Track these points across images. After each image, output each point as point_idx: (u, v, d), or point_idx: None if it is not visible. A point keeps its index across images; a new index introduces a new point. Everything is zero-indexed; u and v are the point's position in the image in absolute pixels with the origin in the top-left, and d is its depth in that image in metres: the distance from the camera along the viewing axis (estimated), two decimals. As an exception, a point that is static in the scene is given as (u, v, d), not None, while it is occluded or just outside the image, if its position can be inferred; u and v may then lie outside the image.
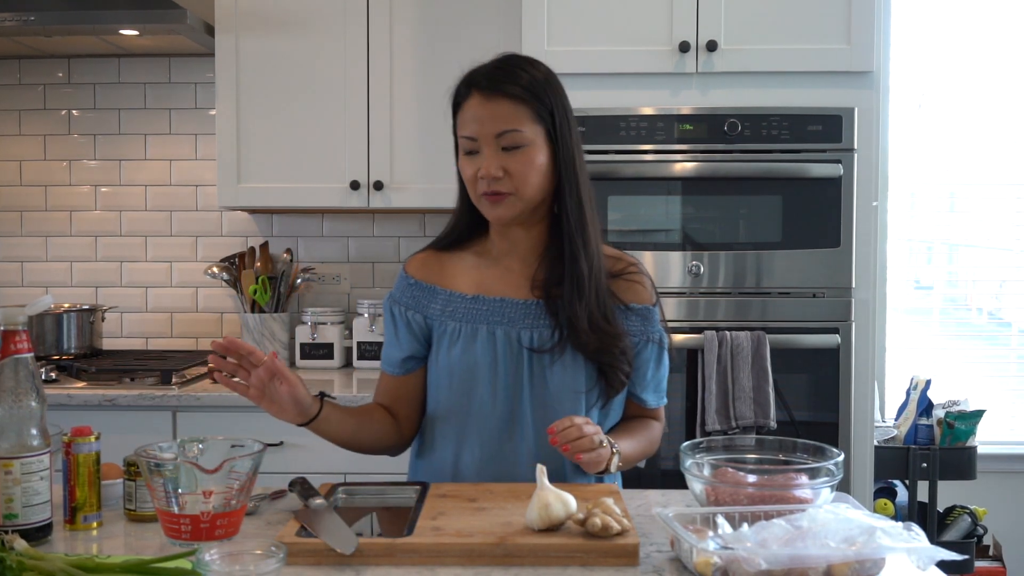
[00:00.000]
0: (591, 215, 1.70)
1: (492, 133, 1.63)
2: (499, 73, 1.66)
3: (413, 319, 1.76)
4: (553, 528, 1.34)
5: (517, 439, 1.70)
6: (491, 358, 1.70)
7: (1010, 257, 3.66)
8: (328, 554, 1.28)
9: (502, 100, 1.64)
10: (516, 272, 1.74)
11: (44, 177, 3.47)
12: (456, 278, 1.76)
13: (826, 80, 2.69)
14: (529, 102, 1.64)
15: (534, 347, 1.69)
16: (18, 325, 1.39)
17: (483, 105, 1.64)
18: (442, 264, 1.78)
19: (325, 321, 3.27)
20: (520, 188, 1.64)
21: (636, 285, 1.76)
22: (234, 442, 1.43)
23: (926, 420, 3.10)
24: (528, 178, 1.64)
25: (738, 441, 1.61)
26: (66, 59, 3.43)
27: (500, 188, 1.64)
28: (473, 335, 1.71)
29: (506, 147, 1.63)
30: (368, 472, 2.71)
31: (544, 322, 1.70)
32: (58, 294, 3.44)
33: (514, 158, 1.63)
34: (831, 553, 1.16)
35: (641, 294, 1.76)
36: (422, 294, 1.76)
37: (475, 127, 1.64)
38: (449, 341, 1.72)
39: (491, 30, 3.00)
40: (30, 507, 1.37)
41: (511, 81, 1.64)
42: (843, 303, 2.68)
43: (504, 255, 1.76)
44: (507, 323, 1.71)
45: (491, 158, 1.63)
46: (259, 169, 3.09)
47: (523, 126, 1.64)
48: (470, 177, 1.67)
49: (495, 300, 1.72)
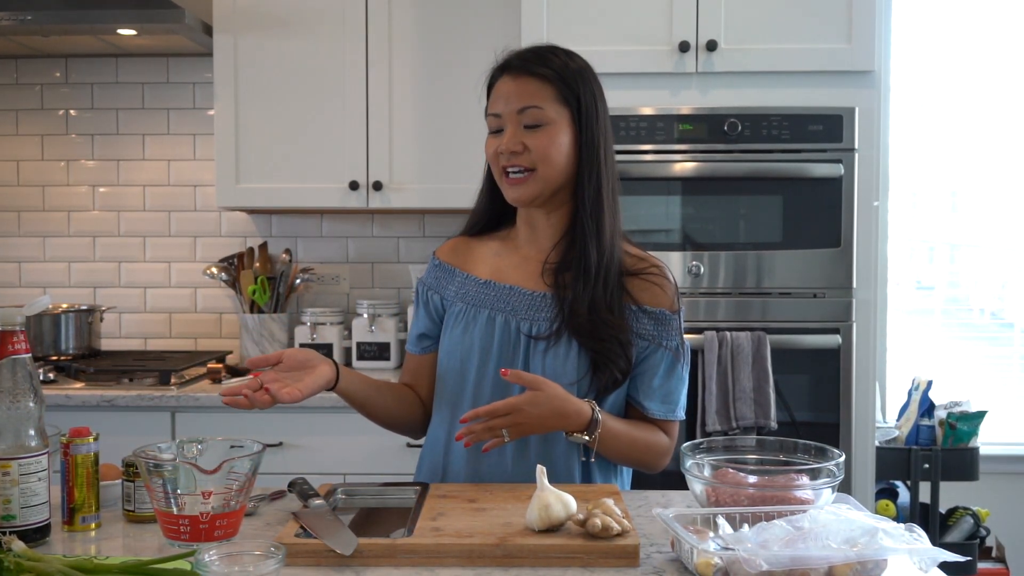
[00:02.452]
0: (609, 206, 1.70)
1: (515, 109, 1.67)
2: (531, 55, 1.71)
3: (432, 299, 1.81)
4: (553, 529, 1.34)
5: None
6: (486, 343, 1.71)
7: (1012, 257, 3.66)
8: (327, 555, 1.27)
9: (529, 79, 1.68)
10: (532, 260, 1.76)
11: (42, 177, 3.47)
12: (477, 263, 1.79)
13: (827, 80, 2.68)
14: (555, 83, 1.67)
15: (531, 334, 1.70)
16: (16, 325, 1.39)
17: (510, 83, 1.69)
18: (470, 249, 1.82)
19: (324, 321, 3.26)
20: (539, 164, 1.66)
21: (655, 287, 1.72)
22: (233, 443, 1.42)
23: (928, 421, 3.09)
24: (548, 155, 1.66)
25: (739, 442, 1.60)
26: (64, 59, 3.42)
27: (520, 163, 1.66)
28: (474, 319, 1.74)
29: (528, 124, 1.66)
30: (368, 472, 2.71)
31: (546, 314, 1.71)
32: (56, 294, 3.43)
33: (535, 135, 1.66)
34: (832, 554, 1.16)
35: (660, 298, 1.72)
36: (444, 275, 1.81)
37: (501, 104, 1.69)
38: (453, 322, 1.76)
39: (491, 30, 3.00)
40: (28, 508, 1.36)
41: (541, 63, 1.68)
42: (844, 303, 2.67)
43: (525, 243, 1.78)
44: (509, 311, 1.72)
45: (512, 134, 1.66)
46: (258, 169, 3.08)
47: (546, 104, 1.66)
48: (492, 154, 1.70)
49: (505, 287, 1.74)
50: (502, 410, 1.56)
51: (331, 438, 2.77)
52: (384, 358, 3.22)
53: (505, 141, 1.66)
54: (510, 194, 1.70)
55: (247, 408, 1.52)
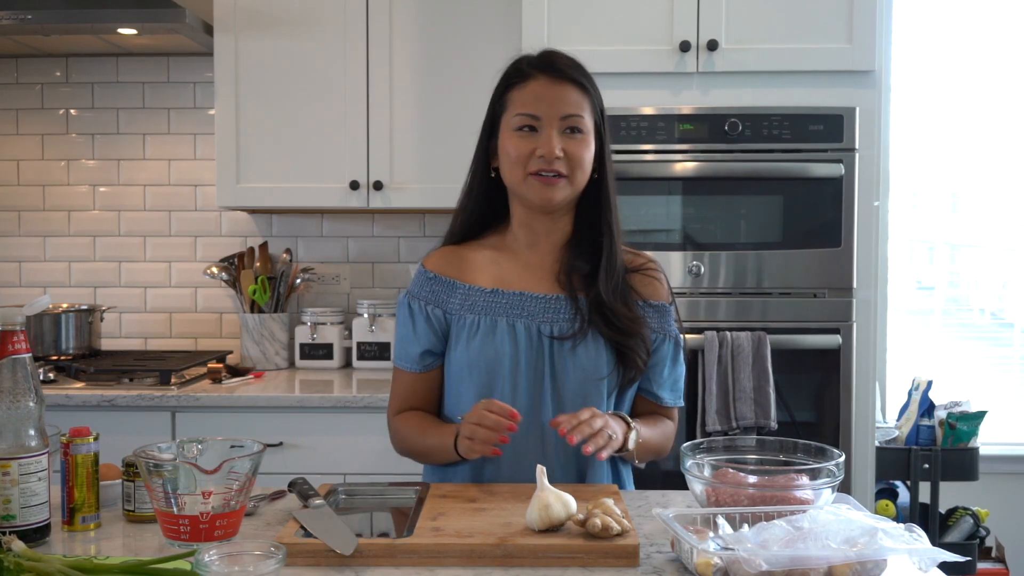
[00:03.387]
0: (617, 212, 1.77)
1: (558, 114, 1.68)
2: (570, 62, 1.73)
3: (432, 313, 1.76)
4: (553, 529, 1.34)
5: (538, 432, 1.69)
6: (512, 350, 1.70)
7: (1013, 257, 3.66)
8: (328, 555, 1.28)
9: (570, 86, 1.70)
10: (536, 266, 1.76)
11: (42, 177, 3.47)
12: (475, 272, 1.77)
13: (827, 79, 2.68)
14: (591, 95, 1.72)
15: (555, 335, 1.71)
16: (16, 325, 1.39)
17: (551, 86, 1.69)
18: (461, 259, 1.79)
19: (325, 321, 3.26)
20: (574, 172, 1.69)
21: (654, 282, 1.80)
22: (233, 443, 1.42)
23: (928, 421, 3.09)
24: (583, 163, 1.69)
25: (739, 442, 1.60)
26: (64, 58, 3.42)
27: (557, 168, 1.67)
28: (492, 328, 1.71)
29: (568, 130, 1.68)
30: (367, 472, 2.71)
31: (565, 315, 1.72)
32: (56, 294, 3.43)
33: (573, 142, 1.68)
34: (832, 554, 1.16)
35: (659, 290, 1.80)
36: (441, 288, 1.76)
37: (541, 106, 1.68)
38: (468, 334, 1.72)
39: (491, 29, 3.00)
40: (28, 508, 1.36)
41: (580, 72, 1.72)
42: (844, 303, 2.67)
43: (524, 248, 1.77)
44: (527, 316, 1.72)
45: (554, 138, 1.67)
46: (258, 169, 3.08)
47: (584, 114, 1.70)
48: (524, 154, 1.68)
49: (515, 294, 1.74)
50: (585, 414, 1.57)
51: (331, 438, 2.77)
52: (384, 358, 3.22)
53: (547, 144, 1.66)
54: (540, 194, 1.69)
55: None
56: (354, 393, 2.79)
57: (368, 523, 1.54)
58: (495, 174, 1.77)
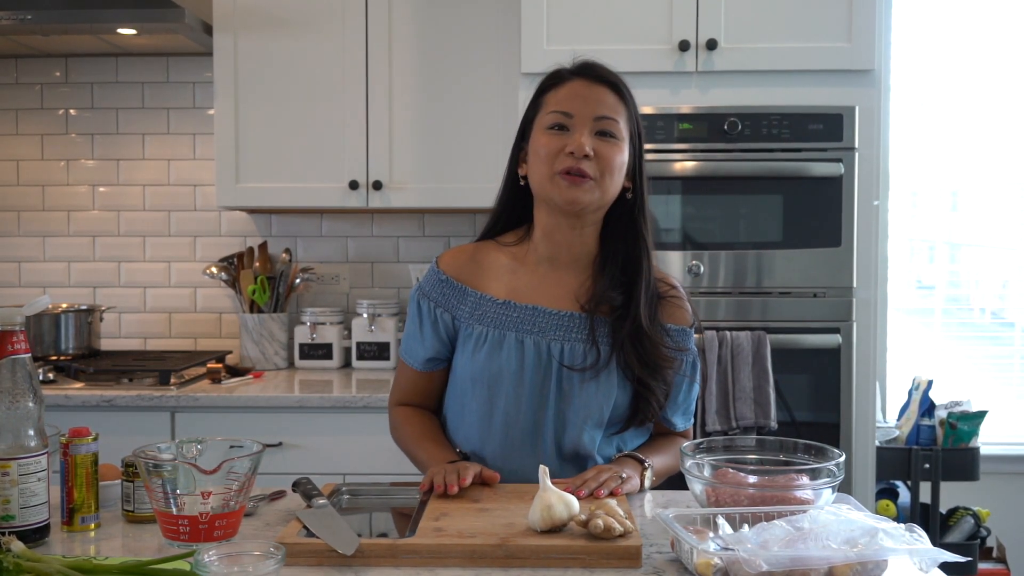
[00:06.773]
0: (650, 234, 1.73)
1: (592, 114, 1.65)
2: (608, 70, 1.70)
3: (441, 317, 1.74)
4: (555, 529, 1.33)
5: (539, 451, 1.68)
6: (517, 367, 1.67)
7: (1013, 256, 3.65)
8: (329, 555, 1.27)
9: (607, 90, 1.67)
10: (553, 281, 1.72)
11: (41, 177, 3.46)
12: (489, 281, 1.73)
13: (827, 79, 2.68)
14: (629, 105, 1.69)
15: (565, 363, 1.67)
16: (15, 325, 1.38)
17: (588, 87, 1.67)
18: (477, 264, 1.75)
19: (324, 321, 3.26)
20: (603, 175, 1.64)
21: (680, 310, 1.75)
22: (233, 443, 1.42)
23: (928, 421, 3.09)
24: (613, 168, 1.65)
25: (739, 442, 1.60)
26: (63, 58, 3.42)
27: (586, 169, 1.62)
28: (500, 342, 1.68)
29: (601, 132, 1.65)
30: (367, 472, 2.71)
31: (578, 336, 1.68)
32: (56, 294, 3.43)
33: (606, 145, 1.65)
34: (832, 555, 1.15)
35: (680, 316, 1.75)
36: (452, 293, 1.74)
37: (576, 104, 1.65)
38: (475, 346, 1.70)
39: (491, 29, 3.00)
40: (27, 508, 1.36)
41: (617, 80, 1.70)
42: (844, 303, 2.67)
43: (544, 261, 1.73)
44: (537, 332, 1.68)
45: (586, 136, 1.63)
46: (258, 169, 3.08)
47: (620, 120, 1.67)
48: (553, 151, 1.64)
49: (526, 307, 1.69)
50: (591, 473, 1.57)
51: (331, 438, 2.77)
52: (384, 358, 3.22)
53: (579, 141, 1.62)
54: (566, 194, 1.64)
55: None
56: (353, 393, 2.79)
57: (371, 524, 1.54)
58: (524, 182, 1.73)
